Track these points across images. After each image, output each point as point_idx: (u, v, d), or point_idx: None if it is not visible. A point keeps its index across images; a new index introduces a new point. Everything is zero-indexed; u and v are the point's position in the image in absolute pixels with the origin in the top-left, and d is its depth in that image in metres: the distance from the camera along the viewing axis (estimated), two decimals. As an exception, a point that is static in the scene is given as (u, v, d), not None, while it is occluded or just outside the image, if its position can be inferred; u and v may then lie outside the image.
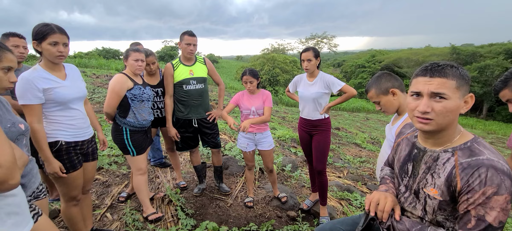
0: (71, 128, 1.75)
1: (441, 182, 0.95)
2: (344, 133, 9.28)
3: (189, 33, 2.63)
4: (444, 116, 0.93)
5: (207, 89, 2.87)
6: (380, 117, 20.01)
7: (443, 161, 0.97)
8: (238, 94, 2.69)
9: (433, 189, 0.98)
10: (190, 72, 2.70)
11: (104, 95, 8.16)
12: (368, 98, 1.67)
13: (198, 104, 2.74)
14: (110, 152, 3.87)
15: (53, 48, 1.59)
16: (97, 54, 29.65)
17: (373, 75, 1.72)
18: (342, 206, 3.16)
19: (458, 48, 30.32)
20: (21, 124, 1.24)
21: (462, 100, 0.95)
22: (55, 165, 1.66)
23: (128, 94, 2.20)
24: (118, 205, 2.71)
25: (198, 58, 2.81)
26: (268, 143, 2.69)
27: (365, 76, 33.36)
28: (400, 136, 1.27)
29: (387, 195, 1.10)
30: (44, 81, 1.60)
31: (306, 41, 43.76)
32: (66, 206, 1.87)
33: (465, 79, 0.94)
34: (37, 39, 1.56)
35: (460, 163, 0.92)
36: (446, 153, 0.98)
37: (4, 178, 0.77)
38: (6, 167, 0.78)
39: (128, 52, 2.26)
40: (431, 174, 1.00)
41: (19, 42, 2.19)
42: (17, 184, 0.82)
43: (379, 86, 1.60)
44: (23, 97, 1.55)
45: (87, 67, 17.23)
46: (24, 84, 1.54)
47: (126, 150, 2.31)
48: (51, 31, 1.56)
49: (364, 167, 5.37)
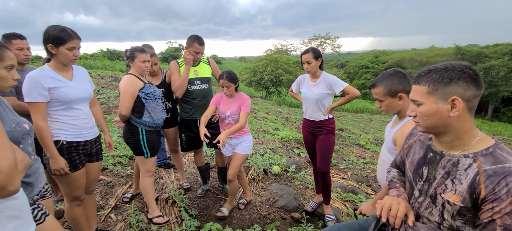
0: (73, 127, 1.76)
1: (463, 188, 0.92)
2: (347, 134, 9.23)
3: (200, 42, 2.60)
4: (424, 120, 0.99)
5: (212, 89, 2.86)
6: (384, 118, 19.89)
7: (465, 167, 0.94)
8: (217, 96, 2.55)
9: (454, 195, 0.95)
10: (194, 72, 2.70)
11: (108, 96, 8.21)
12: (372, 93, 1.57)
13: (202, 104, 2.74)
14: (115, 153, 3.89)
15: (70, 52, 1.67)
16: (101, 55, 29.89)
17: (377, 75, 1.62)
18: (346, 207, 3.13)
19: (463, 48, 30.06)
20: (25, 123, 1.25)
21: (445, 103, 0.93)
22: (61, 161, 1.67)
23: (140, 93, 2.20)
24: (122, 206, 2.72)
25: (202, 58, 2.80)
26: (243, 146, 2.53)
27: (369, 77, 33.19)
28: (411, 137, 1.24)
29: (399, 200, 1.06)
30: (50, 81, 1.64)
31: (309, 42, 43.75)
32: (70, 206, 1.88)
33: (443, 82, 0.93)
34: (55, 43, 1.62)
35: (484, 170, 0.89)
36: (467, 158, 0.94)
37: (3, 184, 0.75)
38: (5, 173, 0.76)
39: (134, 54, 2.24)
40: (452, 180, 0.96)
41: (23, 45, 2.19)
42: (16, 190, 0.80)
43: (389, 87, 1.48)
44: (29, 95, 1.58)
45: (92, 69, 17.36)
46: (31, 83, 1.58)
47: (140, 151, 2.29)
48: (70, 37, 1.64)
49: (368, 168, 5.34)
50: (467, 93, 0.92)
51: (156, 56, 2.70)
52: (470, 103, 0.93)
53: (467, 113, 0.94)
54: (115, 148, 4.03)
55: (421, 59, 30.87)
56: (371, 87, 1.59)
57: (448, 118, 0.94)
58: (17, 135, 1.15)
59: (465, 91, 0.91)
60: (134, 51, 2.25)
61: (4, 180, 0.75)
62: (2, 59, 1.11)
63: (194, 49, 2.58)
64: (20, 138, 1.17)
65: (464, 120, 0.94)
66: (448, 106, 0.93)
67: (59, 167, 1.67)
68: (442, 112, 0.94)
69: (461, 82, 0.91)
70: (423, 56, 31.82)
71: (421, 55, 32.33)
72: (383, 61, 34.81)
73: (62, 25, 1.67)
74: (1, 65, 1.11)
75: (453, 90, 0.92)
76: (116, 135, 4.54)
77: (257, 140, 5.82)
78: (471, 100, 0.93)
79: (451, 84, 0.92)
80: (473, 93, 0.92)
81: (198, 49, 2.59)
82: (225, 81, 2.40)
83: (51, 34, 1.61)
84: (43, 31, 1.65)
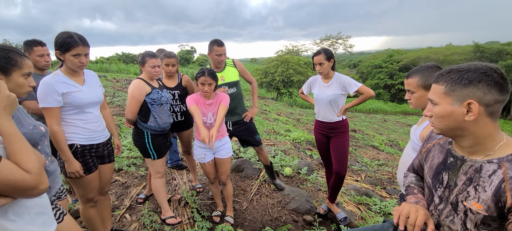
0: (86, 131, 1.80)
1: (487, 196, 0.86)
2: (360, 135, 9.06)
3: (218, 43, 2.60)
4: (439, 121, 0.95)
5: (241, 91, 2.86)
6: (399, 119, 19.39)
7: (489, 173, 0.88)
8: (193, 97, 2.29)
9: (477, 203, 0.89)
10: (221, 78, 2.70)
11: (123, 99, 8.43)
12: (405, 83, 1.54)
13: (232, 108, 2.72)
14: (129, 154, 3.98)
15: (75, 59, 1.68)
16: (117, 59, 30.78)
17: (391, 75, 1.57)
18: (360, 211, 3.07)
19: (482, 46, 28.85)
20: (41, 126, 1.29)
21: (460, 106, 0.88)
22: (76, 164, 1.72)
23: (147, 99, 2.23)
24: (137, 206, 2.77)
25: (227, 61, 2.80)
26: (226, 150, 2.41)
27: (382, 76, 32.43)
28: (429, 140, 1.18)
29: (418, 208, 1.00)
30: (63, 86, 1.68)
31: (320, 42, 43.27)
32: (84, 207, 1.93)
33: (461, 83, 0.87)
34: (61, 49, 1.65)
35: (510, 177, 0.82)
36: (491, 164, 0.88)
37: (34, 183, 0.80)
38: (35, 173, 0.81)
39: (144, 58, 2.26)
40: (474, 187, 0.91)
41: (43, 51, 2.27)
42: (46, 188, 0.85)
43: (425, 79, 1.43)
44: (44, 101, 1.62)
45: (108, 72, 17.91)
46: (45, 88, 1.62)
47: (147, 153, 2.34)
48: (75, 44, 1.65)
49: (383, 170, 5.21)
50: (486, 97, 0.85)
51: (176, 58, 2.69)
52: (491, 108, 0.86)
53: (487, 119, 0.88)
54: (129, 149, 4.12)
55: (437, 58, 29.87)
56: (406, 78, 1.54)
57: (463, 121, 0.89)
58: (35, 136, 1.19)
59: (485, 95, 0.85)
60: (145, 56, 2.27)
61: (35, 179, 0.80)
62: (21, 66, 1.16)
63: (215, 53, 2.61)
64: (37, 139, 1.22)
65: (484, 125, 0.88)
66: (463, 110, 0.88)
67: (75, 170, 1.72)
68: (456, 115, 0.89)
69: (481, 85, 0.85)
70: (440, 54, 30.81)
71: (438, 54, 31.31)
72: (397, 60, 33.92)
73: (72, 31, 1.68)
74: (20, 72, 1.16)
75: (470, 93, 0.86)
76: (130, 137, 4.64)
77: (268, 142, 5.80)
78: (491, 105, 0.86)
79: (469, 86, 0.86)
80: (495, 98, 0.85)
81: (219, 51, 2.61)
82: (207, 78, 2.16)
83: (58, 41, 1.64)
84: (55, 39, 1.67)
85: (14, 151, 0.81)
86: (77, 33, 1.69)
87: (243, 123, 2.82)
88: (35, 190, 0.81)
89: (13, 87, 1.15)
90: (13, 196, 0.79)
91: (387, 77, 31.79)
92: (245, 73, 2.89)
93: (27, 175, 0.79)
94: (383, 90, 31.07)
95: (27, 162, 0.81)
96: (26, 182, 0.78)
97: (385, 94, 30.67)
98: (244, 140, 2.91)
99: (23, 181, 0.78)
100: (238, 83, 2.79)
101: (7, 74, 1.13)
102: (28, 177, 0.79)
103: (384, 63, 33.76)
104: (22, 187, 0.78)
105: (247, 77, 2.93)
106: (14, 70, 1.14)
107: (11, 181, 0.75)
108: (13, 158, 0.80)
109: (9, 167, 0.76)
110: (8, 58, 1.12)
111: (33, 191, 0.81)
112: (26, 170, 0.79)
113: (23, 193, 0.80)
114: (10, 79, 1.14)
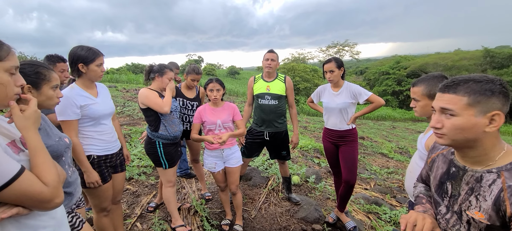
0: (101, 142, 1.87)
1: (487, 205, 0.88)
2: (369, 143, 8.96)
3: (269, 50, 2.83)
4: (456, 133, 0.90)
5: (284, 106, 2.91)
6: (408, 125, 19.09)
7: (488, 183, 0.89)
8: (199, 111, 2.42)
9: (479, 212, 0.90)
10: (267, 88, 2.82)
11: (133, 108, 8.60)
12: (410, 91, 1.56)
13: (270, 119, 2.82)
14: (139, 163, 4.06)
15: (98, 69, 1.80)
16: (127, 69, 31.41)
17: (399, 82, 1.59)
18: (370, 220, 3.04)
19: (492, 50, 28.30)
20: (66, 137, 1.36)
21: (483, 118, 0.87)
22: (95, 175, 1.79)
23: None
24: (147, 215, 2.82)
25: (279, 75, 2.90)
26: (236, 159, 2.45)
27: (390, 83, 32.09)
28: (433, 151, 1.20)
29: (425, 216, 1.01)
30: (81, 98, 1.75)
31: (326, 50, 43.28)
32: (98, 216, 1.99)
33: (486, 95, 0.86)
34: (86, 61, 1.75)
35: (508, 186, 0.84)
36: (491, 173, 0.90)
37: (50, 196, 0.82)
38: (52, 186, 0.83)
39: (163, 70, 2.30)
40: (476, 196, 0.92)
41: (64, 67, 2.37)
42: (61, 202, 0.87)
43: (429, 88, 1.45)
44: (63, 114, 1.69)
45: (118, 82, 18.29)
46: (65, 101, 1.68)
47: (159, 162, 2.39)
48: (97, 55, 1.79)
49: (393, 178, 5.14)
50: (504, 108, 0.87)
51: (201, 74, 2.87)
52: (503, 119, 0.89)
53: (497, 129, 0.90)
54: (139, 158, 4.20)
55: (446, 64, 29.41)
56: (412, 86, 1.56)
57: (482, 133, 0.88)
58: (60, 148, 1.26)
59: (503, 106, 0.87)
60: (165, 68, 2.32)
61: (52, 192, 0.82)
62: (50, 80, 1.24)
63: (264, 58, 2.80)
64: (62, 151, 1.28)
65: (493, 135, 0.90)
66: (486, 121, 0.87)
67: (94, 180, 1.79)
68: (478, 126, 0.88)
69: (501, 97, 0.86)
70: (448, 60, 30.31)
71: (446, 59, 30.81)
72: (404, 66, 33.58)
73: (85, 45, 1.80)
74: (49, 85, 1.24)
75: (494, 104, 0.86)
76: (140, 146, 4.74)
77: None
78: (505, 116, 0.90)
79: (492, 97, 0.86)
80: (506, 108, 0.88)
81: (267, 56, 2.79)
82: (215, 85, 2.33)
83: (81, 55, 1.73)
84: (70, 53, 1.76)
85: (36, 164, 0.85)
86: (91, 46, 1.81)
87: (278, 135, 2.89)
88: (50, 203, 0.82)
89: (44, 100, 1.23)
90: (30, 207, 0.81)
91: (395, 83, 31.44)
92: (290, 95, 2.92)
93: (45, 188, 0.81)
94: (391, 96, 30.70)
95: (46, 175, 0.83)
96: (43, 194, 0.80)
97: (393, 101, 30.29)
98: (275, 152, 2.99)
99: (40, 193, 0.79)
100: (282, 97, 2.85)
101: (38, 88, 1.21)
102: (46, 189, 0.81)
103: (392, 70, 33.45)
104: (39, 199, 0.79)
105: (290, 99, 2.94)
106: (44, 83, 1.22)
107: (30, 192, 0.77)
108: (35, 170, 0.83)
109: (30, 179, 0.79)
110: (37, 73, 1.21)
111: (49, 203, 0.82)
112: (44, 183, 0.82)
113: (39, 204, 0.81)
114: (41, 93, 1.22)
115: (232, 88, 24.38)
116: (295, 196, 3.19)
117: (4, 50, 0.82)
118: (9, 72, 0.84)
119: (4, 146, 0.81)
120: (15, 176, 0.74)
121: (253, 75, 2.97)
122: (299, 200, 3.13)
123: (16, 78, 0.88)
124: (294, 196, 3.20)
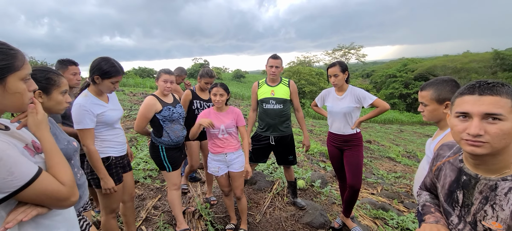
0: (117, 144, 1.97)
1: (505, 215, 0.83)
2: (376, 146, 8.85)
3: (273, 56, 2.81)
4: (501, 139, 0.81)
5: (288, 111, 2.92)
6: (416, 129, 18.79)
7: (504, 191, 0.85)
8: (204, 113, 2.44)
9: (496, 222, 0.85)
10: (271, 92, 2.83)
11: (139, 112, 8.70)
12: (419, 95, 1.53)
13: (275, 123, 2.83)
14: (145, 166, 4.09)
15: (112, 85, 1.85)
16: (134, 73, 31.87)
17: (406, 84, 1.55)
18: (377, 225, 2.99)
19: (502, 53, 27.75)
20: (74, 141, 1.39)
21: None
22: (111, 181, 1.85)
23: (158, 116, 2.33)
24: (152, 218, 2.83)
25: (283, 80, 2.91)
26: (239, 163, 2.44)
27: (397, 86, 31.70)
28: (439, 158, 1.15)
29: (439, 227, 0.97)
30: (96, 107, 1.81)
31: (332, 53, 43.09)
32: (106, 218, 2.02)
33: None
34: (103, 76, 1.79)
35: None
36: (506, 181, 0.85)
37: (67, 195, 0.87)
38: (69, 186, 0.88)
39: (159, 73, 2.42)
40: (491, 206, 0.87)
41: (76, 70, 2.41)
42: (77, 200, 0.92)
43: (438, 93, 1.41)
44: (81, 123, 1.73)
45: (126, 86, 18.54)
46: (82, 111, 1.73)
47: (162, 166, 2.44)
48: (117, 74, 1.83)
49: (400, 183, 5.05)
50: None
51: (214, 77, 2.94)
52: None
53: None
54: (145, 161, 4.24)
55: (454, 66, 28.94)
56: (420, 90, 1.52)
57: None
58: (69, 151, 1.29)
59: None
60: (160, 72, 2.43)
61: (69, 191, 0.87)
62: (59, 85, 1.28)
63: (268, 64, 2.79)
64: (71, 154, 1.31)
65: None
66: None
67: (111, 186, 1.84)
68: None
69: None
70: (457, 62, 29.82)
71: (455, 62, 30.32)
72: (412, 69, 33.17)
73: (112, 59, 1.82)
74: (58, 90, 1.27)
75: None
76: (146, 150, 4.78)
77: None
78: None
79: None
80: None
81: (271, 63, 2.78)
82: (219, 89, 2.32)
83: (102, 68, 1.77)
84: (94, 61, 1.81)
85: (52, 164, 0.89)
86: (118, 62, 1.84)
87: (283, 140, 2.89)
88: (67, 201, 0.88)
89: (53, 105, 1.27)
90: (48, 206, 0.86)
91: (402, 86, 31.04)
92: (295, 98, 2.92)
93: (62, 187, 0.86)
94: (399, 100, 30.31)
95: (63, 175, 0.88)
96: (61, 192, 0.85)
97: (400, 104, 29.89)
98: (282, 157, 2.98)
99: (58, 191, 0.84)
100: (286, 102, 2.85)
101: (48, 93, 1.25)
102: (63, 188, 0.86)
103: (399, 73, 33.08)
104: (57, 197, 0.84)
105: (296, 102, 2.94)
106: (54, 89, 1.26)
107: (49, 191, 0.82)
108: (51, 170, 0.88)
109: (48, 179, 0.84)
110: (48, 79, 1.24)
111: (66, 201, 0.87)
112: (61, 182, 0.87)
113: (57, 203, 0.86)
114: (50, 98, 1.25)
115: (237, 91, 24.47)
116: (300, 201, 3.17)
117: (20, 60, 0.85)
118: (24, 79, 0.87)
119: (21, 149, 0.84)
120: (35, 176, 0.79)
121: (257, 80, 2.97)
122: (304, 205, 3.10)
123: (29, 84, 0.90)
124: (299, 200, 3.17)
